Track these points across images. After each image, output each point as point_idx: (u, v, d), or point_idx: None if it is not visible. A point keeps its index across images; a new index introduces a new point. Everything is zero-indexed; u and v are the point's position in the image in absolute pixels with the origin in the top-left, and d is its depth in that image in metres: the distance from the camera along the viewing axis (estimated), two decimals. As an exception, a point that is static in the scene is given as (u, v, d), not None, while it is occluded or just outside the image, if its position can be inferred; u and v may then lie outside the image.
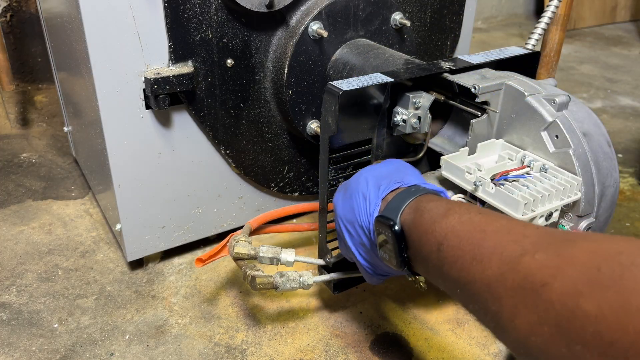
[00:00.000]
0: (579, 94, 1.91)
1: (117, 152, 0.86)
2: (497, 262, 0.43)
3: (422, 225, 0.54)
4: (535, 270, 0.39)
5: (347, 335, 0.87)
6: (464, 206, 0.53)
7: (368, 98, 0.74)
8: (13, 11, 1.73)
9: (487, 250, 0.45)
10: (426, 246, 0.52)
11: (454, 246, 0.49)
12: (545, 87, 0.72)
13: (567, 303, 0.36)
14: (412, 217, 0.55)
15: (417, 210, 0.55)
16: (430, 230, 0.52)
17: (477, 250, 0.46)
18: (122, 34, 0.79)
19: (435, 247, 0.51)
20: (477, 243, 0.46)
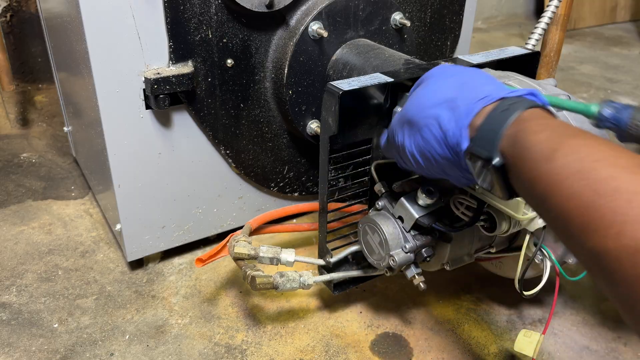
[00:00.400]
0: (579, 94, 1.91)
1: (117, 152, 0.86)
2: (613, 241, 0.35)
3: (522, 167, 0.44)
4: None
5: (347, 335, 0.87)
6: (573, 146, 0.41)
7: (368, 98, 0.74)
8: (13, 11, 1.73)
9: (601, 220, 0.36)
10: (531, 193, 0.44)
11: (560, 205, 0.40)
12: (545, 87, 0.72)
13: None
14: (512, 151, 0.46)
15: (515, 143, 0.45)
16: (530, 176, 0.43)
17: (590, 218, 0.37)
18: (122, 34, 0.79)
19: (539, 198, 0.43)
20: (588, 208, 0.37)
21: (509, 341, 0.86)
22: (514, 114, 0.47)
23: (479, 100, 0.50)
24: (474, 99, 0.50)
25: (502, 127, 0.46)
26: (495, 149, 0.47)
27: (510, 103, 0.48)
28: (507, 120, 0.46)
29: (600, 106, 0.56)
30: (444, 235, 0.74)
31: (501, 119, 0.47)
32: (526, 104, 0.47)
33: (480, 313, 0.91)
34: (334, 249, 0.82)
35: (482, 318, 0.90)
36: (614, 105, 0.56)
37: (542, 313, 0.91)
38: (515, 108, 0.47)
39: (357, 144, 0.77)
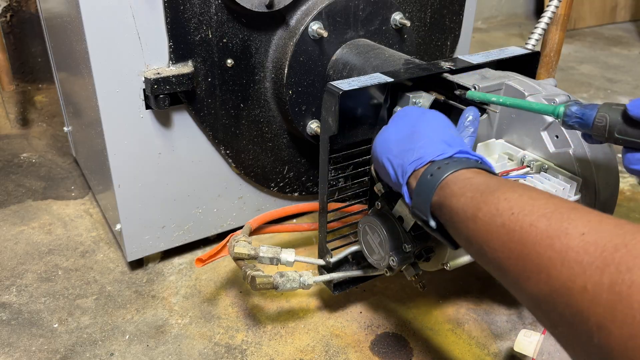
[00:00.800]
0: (579, 94, 1.91)
1: (117, 152, 0.86)
2: (545, 285, 0.37)
3: (455, 227, 0.48)
4: (589, 307, 0.34)
5: (347, 335, 0.87)
6: (492, 203, 0.44)
7: (368, 98, 0.74)
8: (13, 11, 1.73)
9: (530, 266, 0.39)
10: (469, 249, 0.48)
11: (493, 258, 0.43)
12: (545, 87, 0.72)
13: (628, 356, 0.31)
14: (441, 215, 0.50)
15: (442, 208, 0.50)
16: (465, 236, 0.47)
17: (520, 266, 0.40)
18: (122, 34, 0.79)
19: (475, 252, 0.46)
20: (517, 257, 0.40)
21: (509, 341, 0.86)
22: (438, 181, 0.50)
23: (412, 162, 0.54)
24: (409, 160, 0.55)
25: (430, 195, 0.51)
26: (428, 215, 0.51)
27: (437, 167, 0.52)
28: (433, 188, 0.51)
29: (565, 107, 0.57)
30: (444, 235, 0.74)
31: (428, 186, 0.51)
32: (451, 167, 0.51)
33: (480, 313, 0.91)
34: (334, 249, 0.82)
35: (482, 318, 0.90)
36: (580, 106, 0.57)
37: (542, 313, 0.91)
38: (439, 173, 0.51)
39: (357, 144, 0.77)
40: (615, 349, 0.32)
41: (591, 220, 0.37)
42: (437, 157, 0.53)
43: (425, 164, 0.53)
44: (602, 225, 0.37)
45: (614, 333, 0.32)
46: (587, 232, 0.37)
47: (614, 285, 0.33)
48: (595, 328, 0.33)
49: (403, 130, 0.59)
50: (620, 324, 0.32)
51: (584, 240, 0.36)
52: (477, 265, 0.94)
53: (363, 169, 0.80)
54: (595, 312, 0.33)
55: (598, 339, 0.33)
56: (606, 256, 0.34)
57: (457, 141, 0.55)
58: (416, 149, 0.55)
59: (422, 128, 0.57)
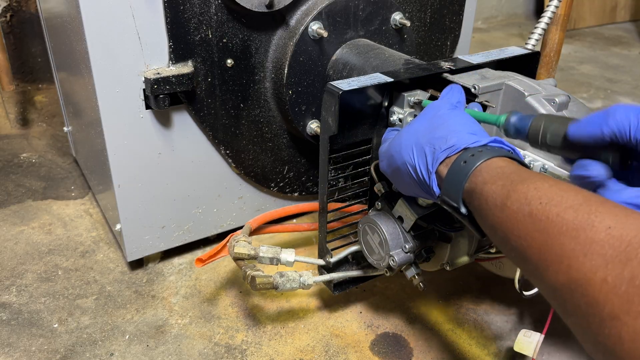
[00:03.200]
0: (579, 94, 1.91)
1: (117, 152, 0.86)
2: (564, 275, 0.38)
3: (483, 214, 0.49)
4: (605, 298, 0.34)
5: (347, 335, 0.87)
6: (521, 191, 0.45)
7: (368, 98, 0.74)
8: (13, 11, 1.73)
9: (552, 257, 0.40)
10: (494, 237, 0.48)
11: (517, 246, 0.44)
12: (545, 87, 0.72)
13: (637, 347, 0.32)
14: (472, 202, 0.51)
15: (473, 194, 0.50)
16: (491, 223, 0.48)
17: (542, 255, 0.41)
18: (122, 34, 0.79)
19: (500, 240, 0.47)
20: (541, 246, 0.41)
21: (509, 341, 0.86)
22: (472, 167, 0.51)
23: (444, 150, 0.54)
24: (440, 149, 0.55)
25: (462, 181, 0.51)
26: (460, 201, 0.52)
27: (471, 154, 0.52)
28: (467, 175, 0.51)
29: (506, 117, 0.58)
30: (444, 235, 0.74)
31: (461, 173, 0.52)
32: (485, 155, 0.51)
33: (480, 313, 0.91)
34: (334, 249, 0.82)
35: (482, 318, 0.90)
36: (518, 116, 0.57)
37: (542, 313, 0.91)
38: (473, 160, 0.51)
39: (357, 144, 0.77)
40: (626, 339, 0.32)
41: (618, 215, 0.38)
42: (471, 144, 0.53)
43: (459, 152, 0.54)
44: (628, 220, 0.37)
45: (627, 324, 0.33)
46: (613, 225, 0.37)
47: (635, 279, 0.33)
48: (609, 319, 0.34)
49: (431, 122, 0.58)
50: (635, 315, 0.32)
51: (610, 234, 0.36)
52: (477, 265, 0.94)
53: (363, 169, 0.80)
54: (611, 303, 0.34)
55: (609, 329, 0.34)
56: (630, 251, 0.34)
57: (486, 134, 0.55)
58: (449, 137, 0.55)
59: (452, 120, 0.57)
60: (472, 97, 0.73)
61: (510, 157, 0.52)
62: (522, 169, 0.50)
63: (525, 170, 0.49)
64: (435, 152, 0.55)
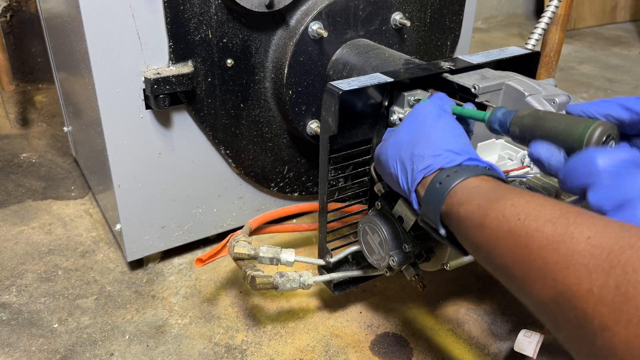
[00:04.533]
0: (579, 94, 1.91)
1: (117, 152, 0.86)
2: (550, 289, 0.38)
3: (462, 235, 0.49)
4: (593, 309, 0.34)
5: (347, 335, 0.87)
6: (498, 209, 0.45)
7: (368, 98, 0.74)
8: (13, 11, 1.73)
9: (536, 271, 0.39)
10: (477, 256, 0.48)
11: (500, 264, 0.43)
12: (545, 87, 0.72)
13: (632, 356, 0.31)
14: (450, 223, 0.51)
15: (450, 216, 0.51)
16: (472, 243, 0.48)
17: (526, 271, 0.40)
18: (122, 34, 0.79)
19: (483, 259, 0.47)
20: (524, 262, 0.41)
21: (509, 341, 0.86)
22: (447, 190, 0.51)
23: (420, 170, 0.55)
24: (417, 169, 0.55)
25: (439, 204, 0.51)
26: (438, 223, 0.52)
27: (446, 175, 0.52)
28: (442, 197, 0.51)
29: (492, 112, 0.58)
30: (444, 235, 0.74)
31: (437, 195, 0.52)
32: (460, 175, 0.51)
33: (480, 313, 0.91)
34: (334, 249, 0.82)
35: (482, 318, 0.90)
36: (501, 111, 0.57)
37: (542, 313, 0.91)
38: (448, 182, 0.51)
39: (357, 144, 0.77)
40: (619, 349, 0.32)
41: (597, 224, 0.38)
42: (446, 164, 0.54)
43: (434, 172, 0.54)
44: (607, 229, 0.37)
45: (618, 333, 0.32)
46: (592, 235, 0.37)
47: (620, 287, 0.33)
48: (600, 330, 0.33)
49: (414, 134, 0.59)
50: (625, 324, 0.32)
51: (590, 244, 0.36)
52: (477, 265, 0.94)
53: (363, 169, 0.80)
54: (600, 314, 0.33)
55: (602, 340, 0.33)
56: (612, 258, 0.34)
57: (466, 149, 0.55)
58: (426, 157, 0.55)
59: (433, 133, 0.57)
60: (472, 97, 0.73)
61: (486, 174, 0.52)
62: (498, 186, 0.49)
63: (501, 186, 0.49)
64: (414, 171, 0.56)
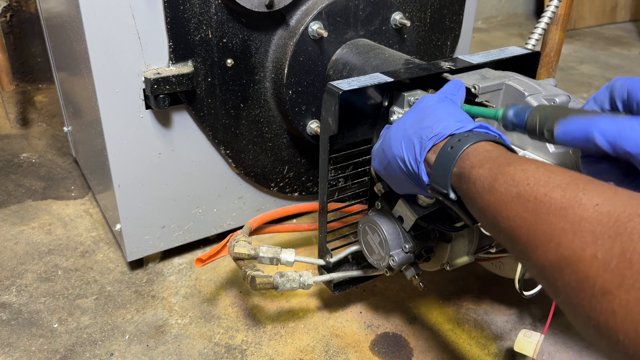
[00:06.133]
0: (579, 94, 1.91)
1: (117, 152, 0.86)
2: (554, 254, 0.38)
3: (471, 198, 0.49)
4: (596, 273, 0.34)
5: (347, 335, 0.87)
6: (508, 173, 0.45)
7: (368, 98, 0.74)
8: (13, 11, 1.73)
9: (541, 236, 0.39)
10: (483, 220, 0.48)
11: (506, 228, 0.44)
12: (545, 87, 0.72)
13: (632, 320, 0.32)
14: (460, 186, 0.51)
15: (461, 179, 0.50)
16: (479, 207, 0.48)
17: (532, 235, 0.40)
18: (122, 34, 0.79)
19: (489, 223, 0.47)
20: (530, 226, 0.41)
21: (509, 341, 0.86)
22: (459, 152, 0.51)
23: (430, 138, 0.54)
24: (427, 137, 0.55)
25: (450, 166, 0.51)
26: (448, 186, 0.52)
27: (457, 140, 0.52)
28: (454, 159, 0.51)
29: (504, 110, 0.58)
30: (444, 235, 0.74)
31: (449, 158, 0.52)
32: (472, 139, 0.51)
33: (480, 313, 0.91)
34: (334, 249, 0.82)
35: (482, 318, 0.90)
36: (515, 109, 0.57)
37: (542, 313, 0.91)
38: (460, 145, 0.51)
39: (357, 144, 0.77)
40: (619, 312, 0.32)
41: (605, 192, 0.38)
42: (456, 130, 0.54)
43: (445, 138, 0.54)
44: (616, 196, 0.37)
45: (619, 297, 0.33)
46: (601, 202, 0.37)
47: (625, 253, 0.33)
48: (600, 294, 0.34)
49: (419, 114, 0.59)
50: (627, 289, 0.32)
51: (598, 211, 0.36)
52: (477, 265, 0.94)
53: (363, 169, 0.80)
54: (602, 278, 0.34)
55: (601, 304, 0.34)
56: (619, 225, 0.34)
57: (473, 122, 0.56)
58: (435, 126, 0.55)
59: (439, 111, 0.58)
60: (472, 97, 0.73)
61: (497, 141, 0.52)
62: (508, 152, 0.50)
63: (511, 153, 0.50)
64: (423, 141, 0.55)
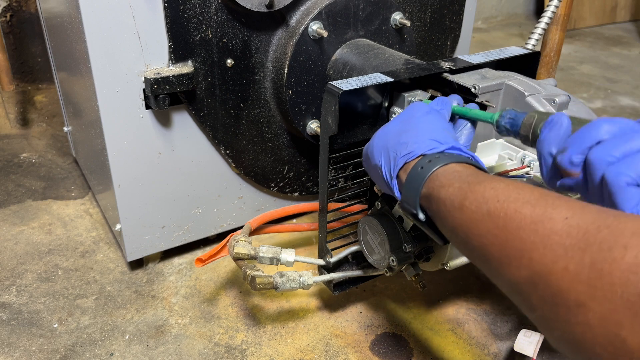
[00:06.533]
0: (579, 94, 1.91)
1: (117, 152, 0.86)
2: (526, 269, 0.38)
3: (442, 218, 0.49)
4: (569, 286, 0.34)
5: (347, 335, 0.87)
6: (478, 192, 0.45)
7: (368, 98, 0.74)
8: (13, 11, 1.73)
9: (513, 252, 0.40)
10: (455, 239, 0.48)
11: (478, 246, 0.44)
12: (545, 87, 0.72)
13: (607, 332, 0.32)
14: (430, 206, 0.51)
15: (430, 199, 0.51)
16: (451, 226, 0.48)
17: (503, 252, 0.41)
18: (122, 34, 0.79)
19: (461, 242, 0.47)
20: (501, 243, 0.41)
21: (509, 341, 0.86)
22: (428, 173, 0.52)
23: (403, 156, 0.56)
24: (401, 153, 0.56)
25: (419, 187, 0.52)
26: (417, 207, 0.53)
27: (428, 160, 0.53)
28: (423, 179, 0.52)
29: (499, 115, 0.58)
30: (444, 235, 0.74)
31: (418, 178, 0.52)
32: (442, 161, 0.52)
33: (480, 313, 0.91)
34: (334, 249, 0.82)
35: (482, 318, 0.90)
36: (511, 113, 0.57)
37: (542, 313, 0.91)
38: (430, 167, 0.52)
39: (357, 144, 0.77)
40: (594, 324, 0.33)
41: (574, 207, 0.38)
42: (428, 150, 0.54)
43: (416, 157, 0.55)
44: (585, 210, 0.37)
45: (593, 310, 0.33)
46: (570, 216, 0.37)
47: (595, 264, 0.33)
48: (575, 307, 0.34)
49: (401, 125, 0.60)
50: (600, 300, 0.32)
51: (568, 224, 0.37)
52: (477, 265, 0.94)
53: (363, 169, 0.80)
54: (575, 291, 0.34)
55: (576, 317, 0.34)
56: (588, 237, 0.35)
57: (449, 140, 0.56)
58: (409, 143, 0.56)
59: (420, 125, 0.58)
60: (472, 97, 0.73)
61: (468, 163, 0.53)
62: (478, 172, 0.50)
63: (482, 172, 0.50)
64: (396, 157, 0.56)
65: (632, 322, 0.31)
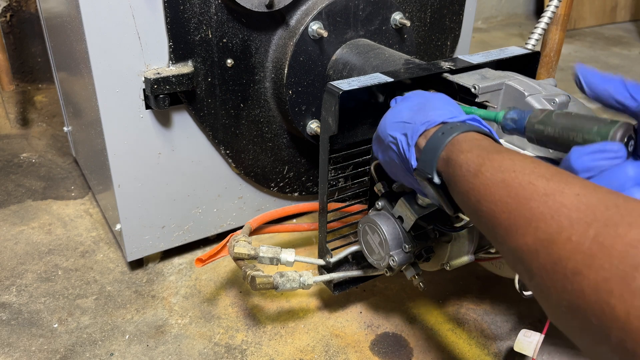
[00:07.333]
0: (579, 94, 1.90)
1: (117, 152, 0.86)
2: (531, 237, 0.39)
3: (456, 182, 0.50)
4: (569, 255, 0.36)
5: (347, 335, 0.87)
6: (496, 160, 0.47)
7: (368, 98, 0.74)
8: (13, 11, 1.73)
9: (521, 220, 0.41)
10: (466, 205, 0.49)
11: (488, 212, 0.45)
12: (545, 87, 0.72)
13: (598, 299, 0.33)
14: (446, 169, 0.52)
15: (448, 162, 0.52)
16: (464, 190, 0.49)
17: (512, 219, 0.42)
18: (122, 34, 0.79)
19: (472, 207, 0.48)
20: (511, 211, 0.42)
21: (509, 341, 0.86)
22: (449, 137, 0.52)
23: (423, 123, 0.56)
24: (420, 122, 0.57)
25: (438, 150, 0.53)
26: (434, 169, 0.53)
27: (449, 127, 0.54)
28: (443, 143, 0.52)
29: (504, 113, 0.58)
30: (444, 235, 0.74)
31: (439, 142, 0.53)
32: (463, 128, 0.53)
33: (480, 313, 0.91)
34: (334, 249, 0.82)
35: (482, 318, 0.90)
36: (516, 112, 0.57)
37: (542, 313, 0.91)
38: (451, 132, 0.53)
39: (357, 144, 0.77)
40: (588, 293, 0.34)
41: (587, 186, 0.40)
42: (449, 119, 0.55)
43: (437, 125, 0.55)
44: (597, 190, 0.39)
45: (589, 277, 0.34)
46: (582, 193, 0.39)
47: (598, 237, 0.35)
48: (572, 274, 0.35)
49: (417, 101, 0.61)
50: (596, 269, 0.33)
51: (578, 200, 0.38)
52: (477, 265, 0.94)
53: (363, 169, 0.80)
54: (574, 259, 0.35)
55: (572, 284, 0.35)
56: (596, 213, 0.36)
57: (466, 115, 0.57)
58: (429, 113, 0.57)
59: (436, 99, 0.60)
60: (472, 97, 0.73)
61: (487, 134, 0.54)
62: (494, 143, 0.52)
63: (500, 145, 0.51)
64: (415, 125, 0.57)
65: (622, 290, 0.32)
